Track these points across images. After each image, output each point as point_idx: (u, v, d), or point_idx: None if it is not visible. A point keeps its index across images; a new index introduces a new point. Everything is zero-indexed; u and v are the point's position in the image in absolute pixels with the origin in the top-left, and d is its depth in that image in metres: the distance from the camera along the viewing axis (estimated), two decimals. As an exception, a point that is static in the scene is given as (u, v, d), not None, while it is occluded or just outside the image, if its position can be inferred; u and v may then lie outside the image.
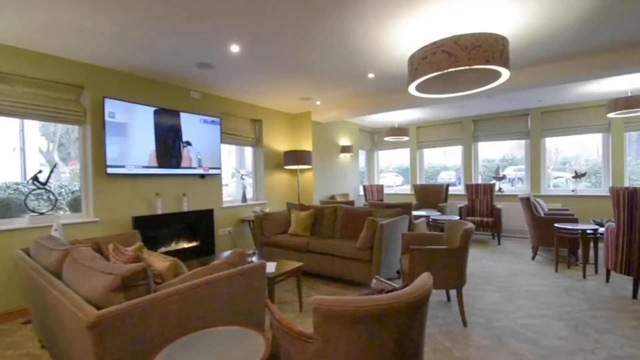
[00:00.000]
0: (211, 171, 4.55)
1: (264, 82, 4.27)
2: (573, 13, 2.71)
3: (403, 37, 3.05)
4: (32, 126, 4.02)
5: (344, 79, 4.23)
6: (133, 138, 3.78)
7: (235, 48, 3.17)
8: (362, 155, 8.19)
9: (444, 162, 7.67)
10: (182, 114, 4.23)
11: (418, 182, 7.60)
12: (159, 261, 1.94)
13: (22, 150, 3.86)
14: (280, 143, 5.88)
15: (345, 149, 6.75)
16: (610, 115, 4.59)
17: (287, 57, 3.44)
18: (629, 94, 4.94)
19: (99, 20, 2.62)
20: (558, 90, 4.97)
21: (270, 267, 2.91)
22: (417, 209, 6.63)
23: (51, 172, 3.44)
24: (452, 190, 7.00)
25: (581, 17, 2.77)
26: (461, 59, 2.40)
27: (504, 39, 2.42)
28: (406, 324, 1.20)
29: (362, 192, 7.38)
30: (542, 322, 2.64)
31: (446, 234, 3.09)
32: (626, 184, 5.46)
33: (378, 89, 4.73)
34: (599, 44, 3.30)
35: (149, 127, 3.92)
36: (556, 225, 3.96)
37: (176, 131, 4.18)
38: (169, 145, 4.12)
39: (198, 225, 4.34)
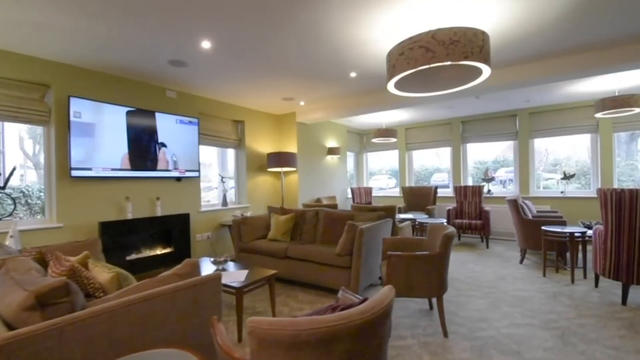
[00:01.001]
0: (188, 174, 4.36)
1: (243, 82, 4.11)
2: (556, 6, 2.59)
3: (381, 33, 2.91)
4: (19, 129, 3.79)
5: (326, 79, 4.09)
6: (102, 139, 3.58)
7: (206, 44, 3.00)
8: (350, 157, 8.04)
9: (437, 164, 7.55)
10: (157, 114, 4.04)
11: (407, 184, 7.47)
12: (102, 273, 1.75)
13: (2, 153, 3.63)
14: (264, 145, 5.71)
15: (332, 151, 6.60)
16: (598, 115, 4.50)
17: (262, 55, 3.29)
18: (617, 94, 4.86)
19: (62, 15, 2.45)
20: (545, 90, 4.88)
21: (240, 275, 2.73)
22: (405, 211, 6.50)
23: (10, 175, 3.24)
24: (442, 192, 6.88)
25: (563, 13, 2.66)
26: (439, 54, 2.26)
27: (483, 33, 2.29)
28: (358, 349, 1.03)
29: (350, 195, 7.23)
30: (527, 331, 2.50)
31: (428, 239, 2.95)
32: (615, 185, 5.38)
33: (362, 89, 4.60)
34: (583, 42, 3.20)
35: (120, 127, 3.73)
36: (543, 228, 3.83)
37: (150, 132, 3.99)
38: (143, 146, 3.93)
39: (173, 231, 4.15)
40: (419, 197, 6.63)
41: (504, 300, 3.13)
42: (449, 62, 2.25)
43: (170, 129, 4.18)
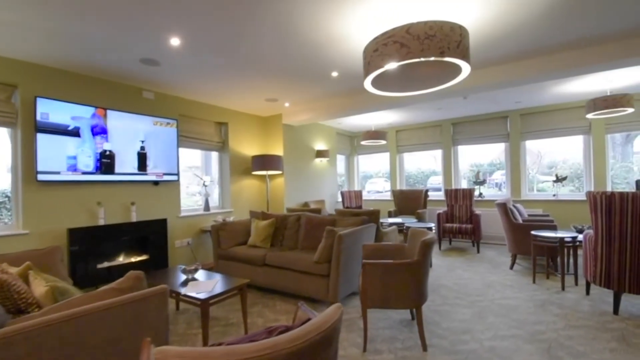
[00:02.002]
0: (166, 177, 4.20)
1: (223, 82, 3.97)
2: (541, 0, 2.47)
3: (357, 28, 2.78)
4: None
5: (308, 79, 3.95)
6: (72, 141, 3.43)
7: (175, 41, 2.86)
8: (341, 161, 7.91)
9: (433, 167, 7.38)
10: (132, 116, 3.89)
11: (398, 188, 7.33)
12: (40, 286, 1.59)
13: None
14: (249, 147, 5.56)
15: (320, 154, 6.46)
16: (589, 116, 4.38)
17: (236, 53, 3.15)
18: (608, 94, 4.74)
19: (28, 13, 2.33)
20: (535, 90, 4.76)
21: (209, 285, 2.56)
22: (395, 215, 6.35)
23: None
24: (435, 195, 6.73)
25: (548, 8, 2.53)
26: (414, 49, 2.13)
27: (461, 28, 2.15)
28: (290, 382, 0.88)
29: (340, 199, 7.08)
30: (512, 344, 2.34)
31: (409, 245, 2.80)
32: (609, 188, 5.25)
33: (346, 89, 4.46)
34: (569, 39, 3.07)
35: (92, 129, 3.58)
36: (532, 232, 3.69)
37: (125, 134, 3.84)
38: (116, 149, 3.77)
39: (149, 237, 3.98)
40: (410, 201, 6.49)
41: (490, 309, 2.98)
42: (423, 59, 2.12)
43: (147, 131, 4.03)
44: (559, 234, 3.57)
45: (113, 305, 1.37)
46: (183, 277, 2.85)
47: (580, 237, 3.58)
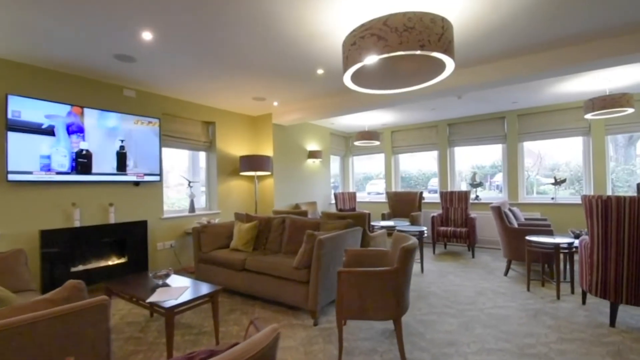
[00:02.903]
0: (148, 178, 4.07)
1: (206, 80, 3.84)
2: (530, -9, 2.32)
3: (338, 23, 2.64)
4: None
5: (294, 77, 3.81)
6: (46, 140, 3.30)
7: (147, 35, 2.73)
8: (336, 161, 7.76)
9: (434, 169, 7.15)
10: (112, 114, 3.77)
11: (393, 189, 7.17)
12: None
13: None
14: (238, 147, 5.42)
15: (313, 154, 6.31)
16: (588, 116, 4.22)
17: (213, 48, 3.01)
18: (607, 93, 4.57)
19: None
20: (533, 90, 4.60)
21: (178, 292, 2.42)
22: (389, 218, 6.19)
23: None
24: (431, 198, 6.57)
25: (539, 1, 2.38)
26: (391, 43, 1.98)
27: (443, 20, 2.00)
28: None
29: (333, 200, 6.93)
30: (498, 359, 2.18)
31: (392, 250, 2.64)
32: (609, 191, 5.07)
33: (335, 88, 4.32)
34: (562, 35, 2.91)
35: (67, 127, 3.45)
36: (527, 238, 3.52)
37: (103, 133, 3.72)
38: (93, 148, 3.64)
39: (128, 240, 3.85)
40: (405, 203, 6.32)
41: (478, 319, 2.81)
42: (402, 53, 1.98)
43: (128, 130, 3.91)
44: (555, 240, 3.40)
45: (38, 319, 1.22)
46: (154, 283, 2.71)
47: (577, 242, 3.41)
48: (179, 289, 2.51)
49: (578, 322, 2.70)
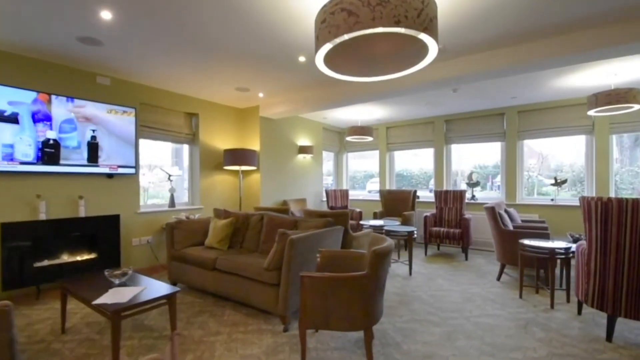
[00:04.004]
0: (122, 170, 3.87)
1: (183, 67, 3.62)
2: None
3: (310, 4, 2.40)
4: None
5: (276, 65, 3.58)
6: (8, 128, 3.11)
7: (107, 15, 2.51)
8: (331, 158, 7.53)
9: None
10: (83, 102, 3.57)
11: (387, 188, 6.93)
12: None
13: None
14: (223, 140, 5.21)
15: (303, 150, 6.08)
16: (591, 112, 3.94)
17: (183, 31, 2.79)
18: (612, 88, 4.29)
19: None
20: (533, 85, 4.33)
21: (128, 293, 2.22)
22: (381, 217, 5.96)
23: None
24: (428, 197, 6.31)
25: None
26: (363, 18, 1.75)
27: (424, -8, 1.77)
28: None
29: (325, 198, 6.70)
30: (479, 377, 1.96)
31: (368, 252, 2.42)
32: (612, 193, 4.80)
33: (323, 79, 4.08)
34: (557, 21, 2.66)
35: (33, 115, 3.26)
36: (521, 241, 3.28)
37: (71, 121, 3.52)
38: (61, 137, 3.45)
39: (99, 234, 3.66)
40: (398, 202, 6.09)
41: (464, 329, 2.58)
42: (374, 30, 1.74)
43: (100, 120, 3.70)
44: (551, 244, 3.16)
45: None
46: (112, 282, 2.51)
47: (575, 247, 3.17)
48: (134, 289, 2.31)
49: (571, 336, 2.46)
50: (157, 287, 2.42)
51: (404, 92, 4.04)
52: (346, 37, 1.85)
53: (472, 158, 6.21)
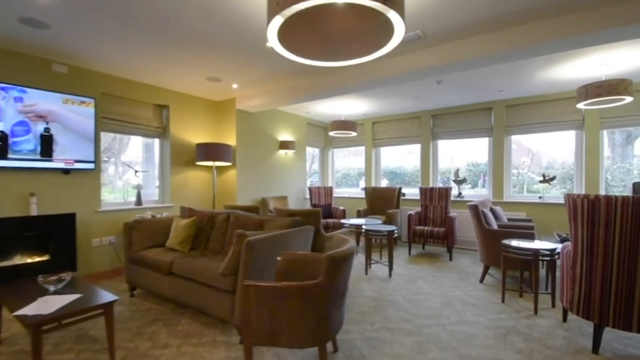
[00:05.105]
0: (79, 165, 3.59)
1: (144, 54, 3.34)
2: None
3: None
4: None
5: (244, 52, 3.31)
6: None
7: (41, -12, 2.23)
8: (327, 154, 7.28)
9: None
10: (35, 92, 3.27)
11: (374, 185, 6.70)
12: None
13: None
14: (196, 135, 4.93)
15: (285, 145, 5.82)
16: (581, 105, 3.73)
17: (136, 12, 2.50)
18: (603, 79, 4.08)
19: None
20: (520, 77, 4.11)
21: (57, 303, 1.96)
22: (365, 215, 5.74)
23: None
24: (413, 195, 6.08)
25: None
26: (314, -14, 1.50)
27: (384, -44, 1.52)
28: None
29: (308, 195, 6.46)
30: (448, 398, 1.73)
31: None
32: (602, 191, 4.61)
33: (300, 69, 3.82)
34: (538, 4, 2.43)
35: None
36: (503, 242, 3.06)
37: (25, 113, 3.22)
38: (9, 130, 3.16)
39: (53, 235, 3.38)
40: (382, 200, 5.86)
41: (437, 338, 2.36)
42: (319, 1, 1.50)
43: (54, 111, 3.41)
44: (535, 245, 2.95)
45: None
46: (46, 288, 2.25)
47: (560, 248, 2.96)
48: (65, 298, 2.05)
49: (554, 346, 2.25)
50: (96, 296, 2.17)
51: (386, 83, 3.80)
52: (296, 8, 1.59)
53: (465, 155, 5.98)
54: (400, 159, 6.78)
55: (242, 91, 4.73)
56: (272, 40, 1.89)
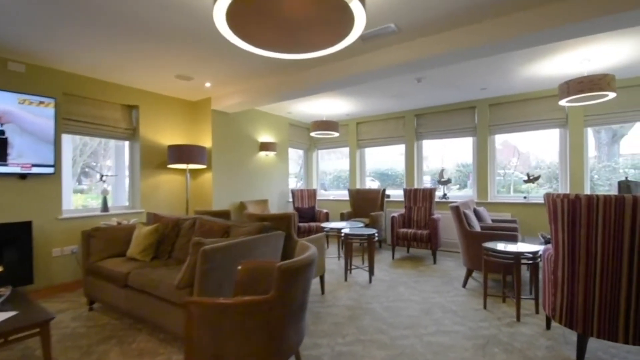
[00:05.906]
0: (37, 169, 3.35)
1: (106, 51, 3.12)
2: None
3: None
4: None
5: (211, 46, 3.12)
6: None
7: (-30, -26, 2.02)
8: (315, 156, 7.09)
9: (424, 165, 6.43)
10: (-19, 90, 3.04)
11: (358, 187, 6.54)
12: None
13: None
14: (169, 137, 4.72)
15: (265, 147, 5.63)
16: (563, 102, 3.63)
17: (90, 4, 2.31)
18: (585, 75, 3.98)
19: None
20: (503, 74, 3.99)
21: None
22: (348, 217, 5.57)
23: None
24: (396, 197, 5.94)
25: None
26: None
27: None
28: None
29: (291, 198, 6.27)
30: (416, 423, 1.55)
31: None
32: (587, 190, 4.51)
33: (276, 66, 3.64)
34: (530, -11, 2.29)
35: None
36: (484, 245, 2.91)
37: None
38: (-41, 132, 2.92)
39: (7, 245, 3.13)
40: (367, 202, 5.71)
41: (412, 351, 2.19)
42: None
43: (9, 112, 3.18)
44: (517, 247, 2.80)
45: None
46: (-21, 307, 2.02)
47: (542, 250, 2.82)
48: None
49: (536, 358, 2.09)
50: (33, 313, 1.95)
51: (363, 79, 3.64)
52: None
53: (454, 156, 5.84)
54: (392, 160, 6.62)
55: (217, 91, 4.54)
56: (221, 25, 1.72)
